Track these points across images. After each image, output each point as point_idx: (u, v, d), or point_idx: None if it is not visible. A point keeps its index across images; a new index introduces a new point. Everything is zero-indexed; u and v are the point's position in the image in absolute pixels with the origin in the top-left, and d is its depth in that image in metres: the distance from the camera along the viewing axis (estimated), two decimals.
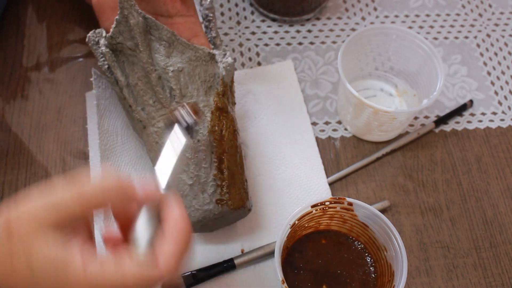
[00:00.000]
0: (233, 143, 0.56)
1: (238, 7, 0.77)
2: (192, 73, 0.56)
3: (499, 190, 0.66)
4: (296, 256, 0.56)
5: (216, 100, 0.56)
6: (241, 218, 0.59)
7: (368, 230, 0.56)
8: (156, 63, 0.55)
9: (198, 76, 0.56)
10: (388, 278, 0.54)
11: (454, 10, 0.79)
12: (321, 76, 0.72)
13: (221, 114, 0.56)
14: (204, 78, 0.57)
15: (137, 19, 0.54)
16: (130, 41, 0.55)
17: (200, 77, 0.56)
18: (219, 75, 0.58)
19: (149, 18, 0.55)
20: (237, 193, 0.56)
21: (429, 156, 0.67)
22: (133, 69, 0.56)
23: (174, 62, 0.56)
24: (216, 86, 0.57)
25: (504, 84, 0.73)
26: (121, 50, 0.56)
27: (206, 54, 0.57)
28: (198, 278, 0.57)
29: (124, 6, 0.54)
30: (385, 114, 0.62)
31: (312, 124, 0.69)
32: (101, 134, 0.63)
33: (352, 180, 0.65)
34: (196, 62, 0.57)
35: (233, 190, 0.55)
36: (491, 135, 0.70)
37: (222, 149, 0.55)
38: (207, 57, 0.57)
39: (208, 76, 0.57)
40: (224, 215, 0.56)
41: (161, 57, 0.56)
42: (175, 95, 0.55)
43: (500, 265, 0.61)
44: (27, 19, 0.73)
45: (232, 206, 0.55)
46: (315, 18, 0.77)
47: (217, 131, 0.55)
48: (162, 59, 0.56)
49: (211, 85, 0.57)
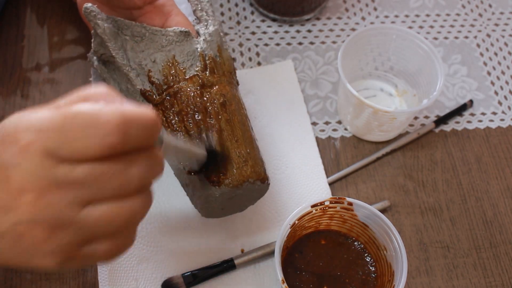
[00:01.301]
0: (224, 116, 0.54)
1: (238, 7, 0.77)
2: (167, 57, 0.55)
3: (499, 190, 0.66)
4: (296, 256, 0.56)
5: (195, 79, 0.55)
6: (261, 192, 0.56)
7: (368, 230, 0.56)
8: (133, 62, 0.55)
9: (173, 60, 0.56)
10: (388, 278, 0.54)
11: (454, 10, 0.79)
12: (321, 76, 0.72)
13: (204, 91, 0.54)
14: (181, 59, 0.56)
15: (103, 27, 0.54)
16: (108, 49, 0.55)
17: (176, 59, 0.56)
18: (198, 52, 0.56)
19: (118, 19, 0.55)
20: (237, 168, 0.52)
21: (429, 156, 0.67)
22: (122, 76, 0.56)
23: (146, 55, 0.56)
24: (195, 65, 0.56)
25: (504, 84, 0.73)
26: (108, 60, 0.57)
27: (177, 35, 0.56)
28: (198, 278, 0.57)
29: (89, 19, 0.54)
30: (385, 114, 0.62)
31: (312, 124, 0.69)
32: None
33: (352, 180, 0.65)
34: (168, 47, 0.56)
35: (230, 167, 0.52)
36: (491, 135, 0.70)
37: (207, 127, 0.53)
38: (180, 37, 0.56)
39: (185, 56, 0.56)
40: (232, 194, 0.53)
41: (135, 54, 0.55)
42: (158, 88, 0.55)
43: (500, 265, 0.61)
44: (27, 19, 0.73)
45: (231, 184, 0.52)
46: (315, 18, 0.77)
47: (201, 107, 0.53)
48: (135, 56, 0.55)
49: (191, 64, 0.56)
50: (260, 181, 0.54)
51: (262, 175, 0.54)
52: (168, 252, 0.59)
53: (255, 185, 0.54)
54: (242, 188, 0.53)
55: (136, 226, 0.40)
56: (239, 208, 0.58)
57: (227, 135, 0.53)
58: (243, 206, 0.58)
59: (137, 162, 0.36)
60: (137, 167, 0.36)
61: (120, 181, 0.36)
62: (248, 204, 0.58)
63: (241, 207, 0.58)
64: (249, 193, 0.55)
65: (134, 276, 0.57)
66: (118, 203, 0.36)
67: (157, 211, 0.60)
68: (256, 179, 0.53)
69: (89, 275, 0.57)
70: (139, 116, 0.35)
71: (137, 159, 0.36)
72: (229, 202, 0.55)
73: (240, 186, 0.52)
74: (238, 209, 0.58)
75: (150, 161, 0.37)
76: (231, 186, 0.52)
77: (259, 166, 0.54)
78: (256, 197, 0.57)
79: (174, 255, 0.59)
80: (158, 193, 0.62)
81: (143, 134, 0.36)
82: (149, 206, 0.39)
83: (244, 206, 0.58)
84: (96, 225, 0.36)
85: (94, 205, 0.36)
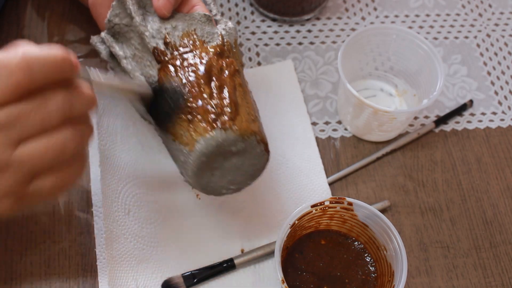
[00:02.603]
0: (237, 80, 0.54)
1: (238, 7, 0.77)
2: (187, 29, 0.56)
3: (499, 190, 0.66)
4: (297, 256, 0.56)
5: (214, 46, 0.55)
6: (259, 164, 0.54)
7: (368, 230, 0.56)
8: (151, 28, 0.56)
9: (194, 32, 0.56)
10: (388, 278, 0.54)
11: (454, 10, 0.79)
12: (321, 76, 0.72)
13: (219, 58, 0.55)
14: (201, 34, 0.56)
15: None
16: (125, 18, 0.56)
17: (196, 33, 0.56)
18: (218, 34, 0.57)
19: None
20: (244, 120, 0.51)
21: (429, 156, 0.67)
22: (130, 43, 0.57)
23: (168, 22, 0.56)
24: (215, 41, 0.56)
25: (504, 84, 0.73)
26: (119, 31, 0.57)
27: (201, 16, 0.57)
28: (198, 278, 0.57)
29: None
30: (385, 114, 0.62)
31: (312, 124, 0.69)
32: (100, 134, 0.63)
33: (352, 180, 0.65)
34: (191, 21, 0.57)
35: (239, 118, 0.51)
36: (491, 135, 0.70)
37: (221, 82, 0.53)
38: (203, 18, 0.57)
39: (205, 33, 0.56)
40: (234, 150, 0.52)
41: (154, 23, 0.56)
42: (170, 47, 0.55)
43: (500, 265, 0.61)
44: (27, 19, 0.73)
45: (238, 131, 0.50)
46: (315, 18, 0.77)
47: (216, 67, 0.54)
48: (154, 24, 0.56)
49: (209, 40, 0.56)
50: (264, 146, 0.53)
51: (266, 141, 0.53)
52: (168, 252, 0.59)
53: (258, 149, 0.53)
54: (247, 142, 0.51)
55: (77, 157, 0.44)
56: (233, 182, 0.55)
57: (239, 94, 0.53)
58: (237, 180, 0.55)
59: (54, 96, 0.40)
60: (55, 101, 0.40)
61: (40, 116, 0.39)
62: (242, 179, 0.55)
63: (236, 182, 0.55)
64: (248, 159, 0.53)
65: (134, 276, 0.57)
66: (46, 137, 0.40)
67: (157, 211, 0.60)
68: (261, 140, 0.52)
69: (89, 275, 0.57)
70: (43, 54, 0.39)
71: (54, 93, 0.40)
72: (224, 165, 0.52)
73: (246, 138, 0.51)
74: (231, 182, 0.55)
75: (70, 95, 0.41)
76: (238, 134, 0.50)
77: (265, 134, 0.53)
78: (252, 170, 0.55)
79: (174, 255, 0.59)
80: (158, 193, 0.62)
81: (50, 69, 0.39)
82: (85, 135, 0.44)
83: (239, 182, 0.55)
84: (31, 161, 0.40)
85: (24, 143, 0.40)
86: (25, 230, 0.59)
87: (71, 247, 0.59)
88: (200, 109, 0.51)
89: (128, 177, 0.61)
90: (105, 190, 0.59)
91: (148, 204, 0.60)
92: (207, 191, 0.55)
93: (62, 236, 0.59)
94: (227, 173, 0.54)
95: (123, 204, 0.60)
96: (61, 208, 0.60)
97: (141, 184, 0.61)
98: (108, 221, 0.58)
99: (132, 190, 0.61)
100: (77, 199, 0.61)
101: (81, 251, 0.59)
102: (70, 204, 0.61)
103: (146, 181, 0.62)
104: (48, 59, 0.39)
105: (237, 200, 0.62)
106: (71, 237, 0.59)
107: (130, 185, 0.61)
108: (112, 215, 0.58)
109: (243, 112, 0.52)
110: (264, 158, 0.54)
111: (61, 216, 0.60)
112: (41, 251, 0.58)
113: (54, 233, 0.59)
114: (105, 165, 0.61)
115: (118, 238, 0.58)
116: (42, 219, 0.60)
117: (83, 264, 0.58)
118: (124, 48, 0.57)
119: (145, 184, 0.62)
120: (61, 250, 0.59)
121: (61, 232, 0.59)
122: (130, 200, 0.60)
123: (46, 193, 0.43)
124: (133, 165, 0.63)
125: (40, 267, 0.58)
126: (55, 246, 0.59)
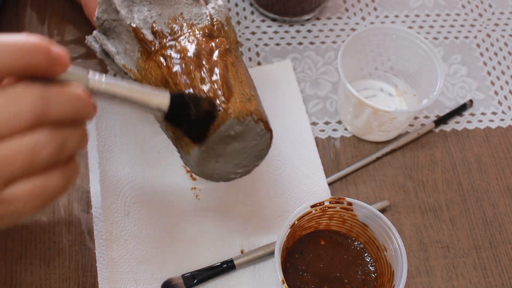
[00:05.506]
0: (229, 59, 0.52)
1: (238, 7, 0.77)
2: (174, 13, 0.55)
3: (499, 190, 0.66)
4: (296, 256, 0.56)
5: (202, 28, 0.54)
6: (262, 144, 0.53)
7: (368, 230, 0.56)
8: (137, 19, 0.55)
9: (181, 15, 0.55)
10: (388, 278, 0.54)
11: (454, 10, 0.79)
12: (321, 76, 0.72)
13: (209, 39, 0.54)
14: (188, 17, 0.56)
15: None
16: (112, 12, 0.55)
17: (183, 16, 0.55)
18: (207, 14, 0.56)
19: None
20: (238, 101, 0.50)
21: (429, 156, 0.67)
22: (121, 38, 0.56)
23: (152, 13, 0.55)
24: (204, 22, 0.55)
25: (504, 84, 0.73)
26: (109, 27, 0.57)
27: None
28: (198, 279, 0.57)
29: None
30: (385, 114, 0.62)
31: (312, 124, 0.69)
32: (99, 135, 0.63)
33: (352, 180, 0.65)
34: (177, 5, 0.56)
35: (232, 100, 0.50)
36: (491, 135, 0.70)
37: (211, 64, 0.52)
38: (189, 0, 0.56)
39: (193, 15, 0.56)
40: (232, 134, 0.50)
41: (140, 14, 0.55)
42: (158, 36, 0.54)
43: (500, 265, 0.61)
44: (27, 19, 0.73)
45: (232, 114, 0.49)
46: (315, 18, 0.77)
47: (205, 49, 0.53)
48: (141, 15, 0.55)
49: (198, 22, 0.55)
50: (264, 124, 0.51)
51: (265, 119, 0.51)
52: (168, 253, 0.59)
53: (258, 128, 0.51)
54: (244, 124, 0.50)
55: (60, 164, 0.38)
56: (239, 166, 0.54)
57: (231, 74, 0.52)
58: (244, 163, 0.54)
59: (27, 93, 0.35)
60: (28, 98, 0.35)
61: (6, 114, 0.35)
62: (248, 161, 0.54)
63: (243, 165, 0.54)
64: (249, 140, 0.52)
65: (134, 277, 0.57)
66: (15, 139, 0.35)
67: (156, 212, 0.61)
68: (259, 119, 0.50)
69: (89, 276, 0.57)
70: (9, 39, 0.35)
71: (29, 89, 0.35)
72: (226, 150, 0.51)
73: (242, 119, 0.49)
74: (238, 166, 0.54)
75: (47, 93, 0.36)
76: (233, 117, 0.49)
77: (263, 111, 0.52)
78: (256, 151, 0.53)
79: (174, 256, 0.59)
80: (158, 194, 0.62)
81: (16, 56, 0.35)
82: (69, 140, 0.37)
83: (245, 165, 0.54)
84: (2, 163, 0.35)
85: None
86: (25, 230, 0.59)
87: (71, 247, 0.59)
88: None
89: (128, 178, 0.61)
90: (104, 191, 0.59)
91: (147, 205, 0.60)
92: (215, 178, 0.54)
93: (62, 236, 0.59)
94: (232, 158, 0.53)
95: (122, 205, 0.60)
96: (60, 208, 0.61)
97: (141, 185, 0.61)
98: (107, 222, 0.58)
99: (132, 191, 0.61)
100: (77, 199, 0.61)
101: (81, 251, 0.59)
102: (70, 204, 0.61)
103: (146, 182, 0.62)
104: (16, 45, 0.35)
105: (237, 200, 0.62)
106: (71, 237, 0.59)
107: (129, 186, 0.61)
108: (111, 216, 0.58)
109: (236, 93, 0.50)
110: (266, 137, 0.52)
111: (61, 216, 0.60)
112: (41, 251, 0.58)
113: (54, 233, 0.59)
114: (104, 166, 0.61)
115: (118, 239, 0.58)
116: (42, 219, 0.60)
117: (83, 264, 0.58)
118: (116, 44, 0.57)
119: (144, 185, 0.62)
120: (61, 250, 0.59)
121: (61, 232, 0.60)
122: (129, 201, 0.60)
123: (22, 203, 0.37)
124: (132, 166, 0.63)
125: (40, 267, 0.58)
126: (55, 246, 0.59)
